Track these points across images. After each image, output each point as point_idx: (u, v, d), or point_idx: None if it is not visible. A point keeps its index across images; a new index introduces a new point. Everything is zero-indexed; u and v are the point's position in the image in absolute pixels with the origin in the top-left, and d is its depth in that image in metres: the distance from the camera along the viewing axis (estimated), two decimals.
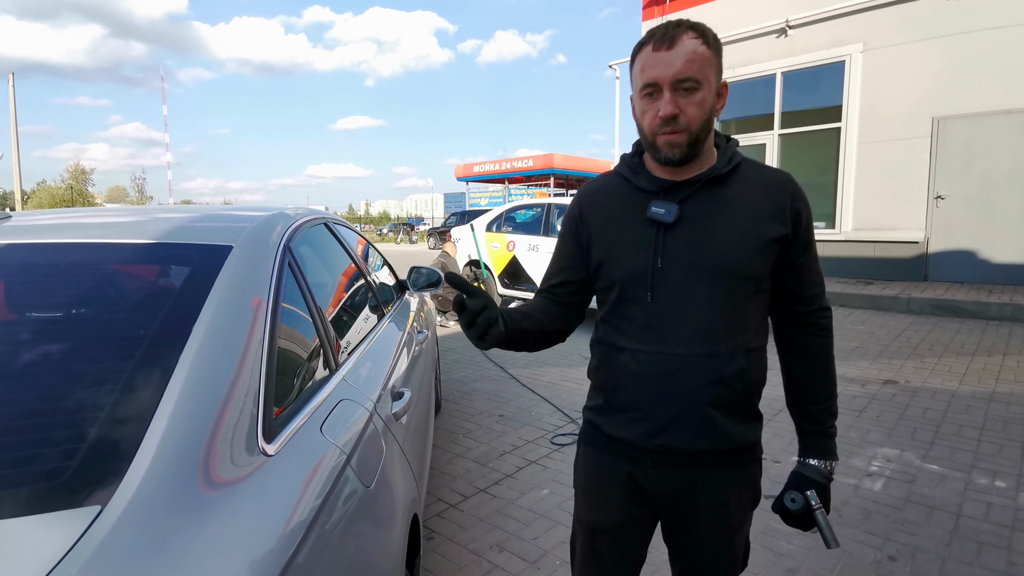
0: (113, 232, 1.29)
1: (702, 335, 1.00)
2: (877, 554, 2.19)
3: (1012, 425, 3.39)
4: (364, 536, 1.00)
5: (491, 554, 2.28)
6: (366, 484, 1.08)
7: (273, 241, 1.36)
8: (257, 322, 1.06)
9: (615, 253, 1.07)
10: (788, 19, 8.80)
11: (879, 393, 4.02)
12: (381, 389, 1.49)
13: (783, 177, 1.06)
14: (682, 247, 1.01)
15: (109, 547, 0.61)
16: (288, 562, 0.74)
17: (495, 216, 7.64)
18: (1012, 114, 7.18)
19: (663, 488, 1.09)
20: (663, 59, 0.95)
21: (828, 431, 1.12)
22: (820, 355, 1.12)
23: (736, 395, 1.03)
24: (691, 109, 0.96)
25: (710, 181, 1.02)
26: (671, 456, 1.06)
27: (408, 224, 37.94)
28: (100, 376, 0.88)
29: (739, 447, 1.07)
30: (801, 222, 1.04)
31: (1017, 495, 2.59)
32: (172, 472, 0.72)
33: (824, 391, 1.12)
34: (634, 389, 1.06)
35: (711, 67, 0.98)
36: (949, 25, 7.51)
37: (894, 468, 2.90)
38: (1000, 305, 6.26)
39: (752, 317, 1.04)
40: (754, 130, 9.55)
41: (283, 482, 0.86)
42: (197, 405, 0.82)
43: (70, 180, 48.35)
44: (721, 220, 1.01)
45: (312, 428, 1.04)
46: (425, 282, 2.98)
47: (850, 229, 8.57)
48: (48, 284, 1.11)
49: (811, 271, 1.08)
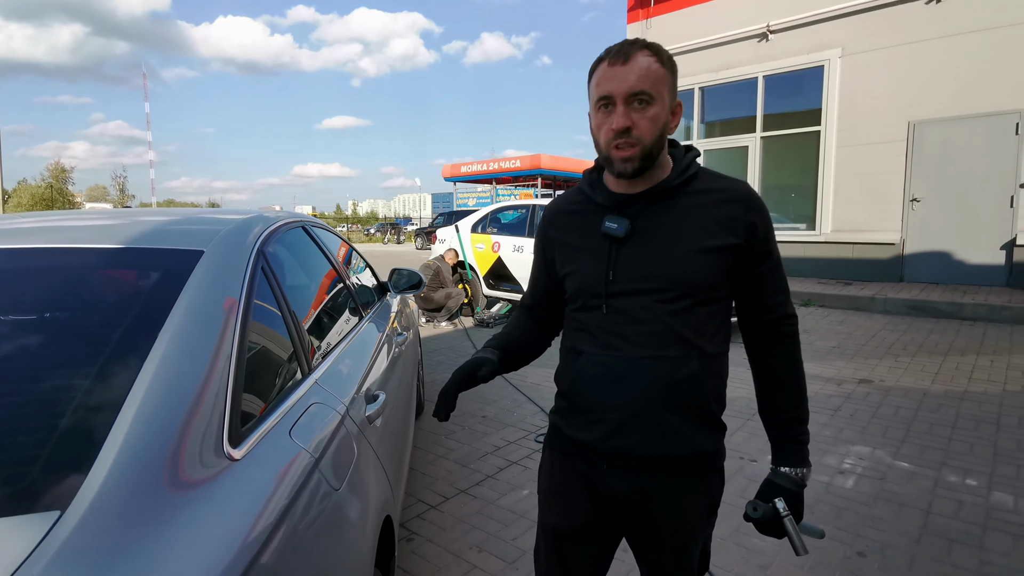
0: (84, 237, 1.28)
1: (653, 339, 1.04)
2: (847, 550, 2.24)
3: (984, 424, 3.47)
4: (331, 538, 1.01)
5: (470, 555, 2.29)
6: (335, 487, 1.10)
7: (246, 245, 1.37)
8: (227, 326, 1.07)
9: (575, 266, 1.12)
10: (769, 24, 8.92)
11: (854, 392, 4.10)
12: (355, 392, 1.50)
13: (737, 189, 1.07)
14: (633, 260, 1.05)
15: (67, 553, 0.62)
16: (250, 564, 0.75)
17: (480, 217, 7.66)
18: (987, 117, 7.34)
19: (618, 492, 1.11)
20: (617, 74, 0.99)
21: (799, 438, 1.12)
22: (787, 362, 1.12)
23: (690, 400, 1.05)
24: (644, 123, 1.00)
25: (662, 194, 1.06)
26: (626, 460, 1.08)
27: (395, 224, 37.76)
28: (62, 380, 0.88)
29: (695, 454, 1.08)
30: (756, 233, 1.05)
31: (989, 494, 2.65)
32: (134, 476, 0.73)
33: (792, 398, 1.13)
34: (590, 391, 1.09)
35: (664, 84, 1.01)
36: (925, 31, 7.67)
37: (866, 466, 2.96)
38: (974, 305, 6.39)
39: (707, 324, 1.06)
40: (737, 132, 9.66)
41: (248, 486, 0.87)
42: (161, 409, 0.83)
43: (51, 179, 47.50)
44: (671, 232, 1.04)
45: (281, 432, 1.05)
46: (406, 284, 2.99)
47: (829, 231, 8.71)
48: (12, 288, 1.11)
49: (772, 279, 1.10)
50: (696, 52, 9.80)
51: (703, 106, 10.05)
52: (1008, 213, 7.28)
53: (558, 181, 25.67)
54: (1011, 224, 7.27)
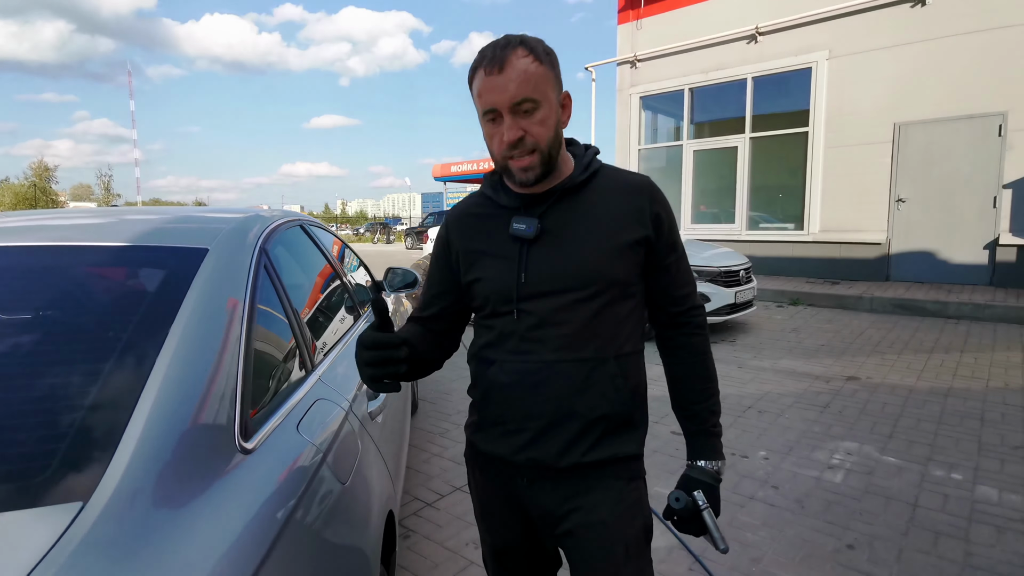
0: (91, 235, 1.29)
1: (569, 341, 1.00)
2: (836, 543, 2.28)
3: (968, 419, 3.54)
4: (341, 531, 1.03)
5: (467, 551, 2.31)
6: (342, 481, 1.11)
7: (249, 243, 1.38)
8: (233, 323, 1.08)
9: (483, 271, 1.06)
10: (758, 26, 9.01)
11: (842, 389, 4.16)
12: (356, 389, 1.51)
13: (641, 181, 1.06)
14: (545, 259, 1.01)
15: (91, 541, 0.63)
16: (266, 555, 0.77)
17: None
18: (971, 119, 7.47)
19: (541, 508, 1.05)
20: (497, 84, 0.93)
21: (712, 430, 1.09)
22: (697, 353, 1.10)
23: (608, 402, 1.01)
24: (535, 129, 0.96)
25: (567, 191, 1.03)
26: (543, 472, 1.03)
27: (384, 224, 37.63)
28: (79, 377, 0.90)
29: (614, 458, 1.03)
30: (663, 224, 1.04)
31: (974, 487, 2.72)
32: (152, 468, 0.74)
33: (704, 389, 1.10)
34: (504, 400, 1.04)
35: (547, 82, 0.96)
36: (910, 34, 7.79)
37: (854, 461, 3.01)
38: (958, 304, 6.51)
39: (623, 323, 1.03)
40: (726, 133, 9.75)
41: (260, 478, 0.88)
42: (175, 404, 0.84)
43: (34, 178, 46.78)
44: (581, 228, 1.01)
45: (288, 427, 1.07)
46: (401, 283, 3.00)
47: (817, 230, 8.82)
48: (25, 286, 1.12)
49: (679, 271, 1.08)
50: (686, 53, 9.88)
51: (693, 107, 10.13)
52: (991, 213, 7.42)
53: None
54: (994, 224, 7.41)
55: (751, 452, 3.11)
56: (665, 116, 10.99)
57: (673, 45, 9.94)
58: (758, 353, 5.12)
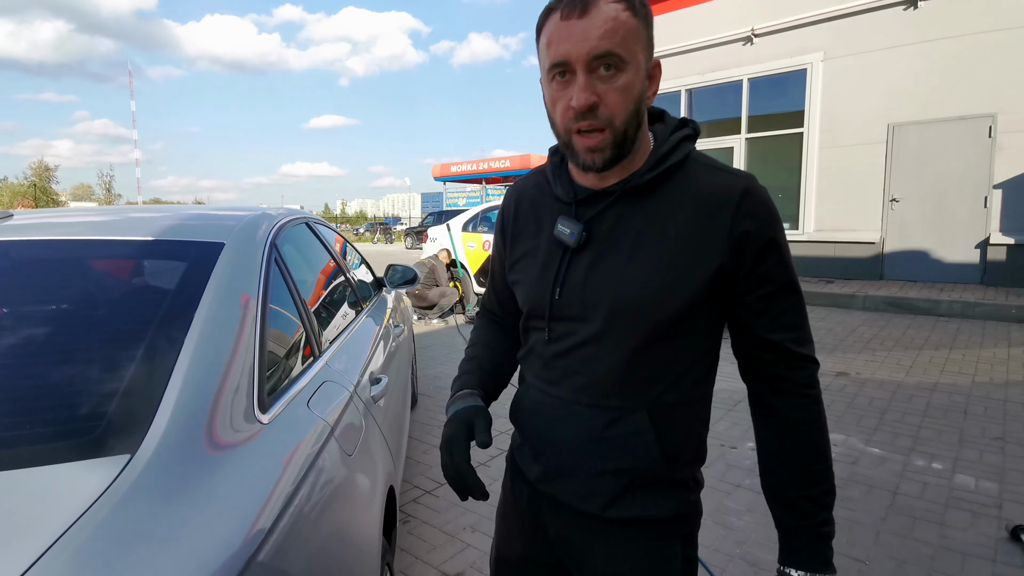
0: (120, 230, 1.40)
1: (590, 383, 0.83)
2: None
3: (952, 413, 3.65)
4: (348, 496, 1.14)
5: (464, 535, 2.42)
6: (348, 453, 1.22)
7: (260, 238, 1.49)
8: (249, 310, 1.19)
9: (523, 274, 0.92)
10: (754, 28, 9.12)
11: (831, 384, 4.27)
12: (360, 375, 1.62)
13: (729, 185, 0.79)
14: (585, 275, 0.83)
15: (138, 487, 0.74)
16: (282, 510, 0.88)
17: (471, 216, 7.79)
18: (963, 120, 7.58)
19: (561, 536, 0.92)
20: (575, 30, 0.72)
21: (815, 528, 0.82)
22: (797, 422, 0.83)
23: (632, 459, 0.83)
24: (613, 97, 0.74)
25: (629, 192, 0.81)
26: (561, 509, 0.90)
27: (384, 224, 37.75)
28: (122, 352, 1.01)
29: (639, 520, 0.85)
30: (750, 244, 0.78)
31: (953, 476, 2.82)
32: (186, 430, 0.85)
33: (806, 474, 0.83)
34: (528, 425, 0.93)
35: (638, 41, 0.75)
36: (905, 36, 7.90)
37: (839, 451, 3.12)
38: (950, 302, 6.62)
39: (668, 365, 0.82)
40: (723, 134, 9.86)
41: (276, 447, 0.99)
42: (202, 377, 0.95)
43: (34, 178, 46.90)
44: (635, 244, 0.80)
45: (300, 403, 1.17)
46: (401, 279, 3.12)
47: (812, 230, 8.93)
48: (70, 274, 1.23)
49: (776, 307, 0.81)
50: (683, 54, 9.99)
51: (690, 107, 10.25)
52: (982, 213, 7.53)
53: None
54: (985, 224, 7.52)
55: (739, 444, 3.22)
56: None
57: (670, 47, 10.05)
58: None
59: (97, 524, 0.67)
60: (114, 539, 0.66)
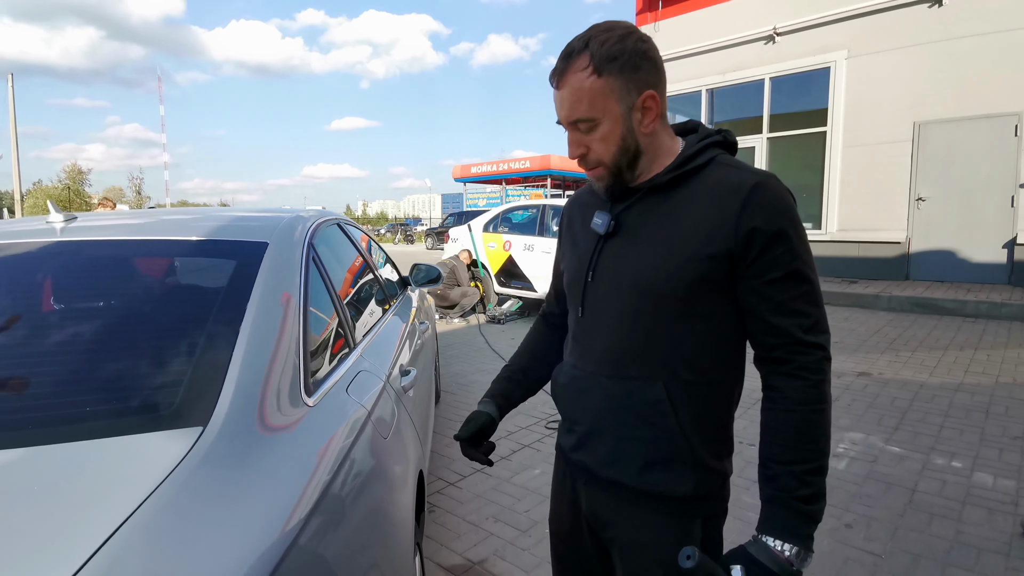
0: (174, 231, 1.53)
1: (613, 356, 0.94)
2: (835, 522, 2.43)
3: (974, 413, 3.63)
4: (384, 476, 1.23)
5: (487, 524, 2.51)
6: (383, 436, 1.32)
7: (298, 237, 1.60)
8: (292, 303, 1.29)
9: (567, 262, 1.07)
10: (776, 26, 9.07)
11: (852, 384, 4.27)
12: (391, 366, 1.72)
13: (742, 181, 0.88)
14: (612, 259, 0.96)
15: (212, 454, 0.85)
16: (329, 482, 0.98)
17: (492, 217, 7.89)
18: (990, 119, 7.46)
19: (592, 510, 1.02)
20: (557, 99, 0.91)
21: (797, 505, 0.84)
22: (794, 402, 0.87)
23: (650, 428, 0.91)
24: (596, 145, 0.91)
25: (655, 188, 0.93)
26: (590, 475, 1.00)
27: (404, 224, 38.15)
28: (188, 339, 1.14)
29: (661, 496, 0.93)
30: (756, 234, 0.86)
31: (972, 474, 2.83)
32: (245, 409, 0.95)
33: (798, 450, 0.86)
34: (563, 398, 1.05)
35: (607, 96, 0.87)
36: (929, 33, 7.80)
37: (858, 450, 3.14)
38: (976, 303, 6.52)
39: (684, 344, 0.91)
40: (744, 133, 9.81)
41: (322, 427, 1.09)
42: (257, 363, 1.05)
43: (67, 180, 48.35)
44: (654, 231, 0.92)
45: (340, 389, 1.27)
46: (424, 278, 3.22)
47: (835, 230, 8.85)
48: (132, 271, 1.36)
49: (781, 293, 0.88)
50: (704, 54, 9.98)
51: (711, 107, 10.22)
52: (1009, 213, 7.40)
53: (567, 181, 25.85)
54: (1012, 223, 7.38)
55: (757, 441, 3.25)
56: (683, 117, 11.02)
57: (691, 47, 10.04)
58: None
59: (182, 482, 0.78)
60: (197, 495, 0.77)
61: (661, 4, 10.55)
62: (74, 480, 0.79)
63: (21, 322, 1.18)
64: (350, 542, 0.98)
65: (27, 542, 0.66)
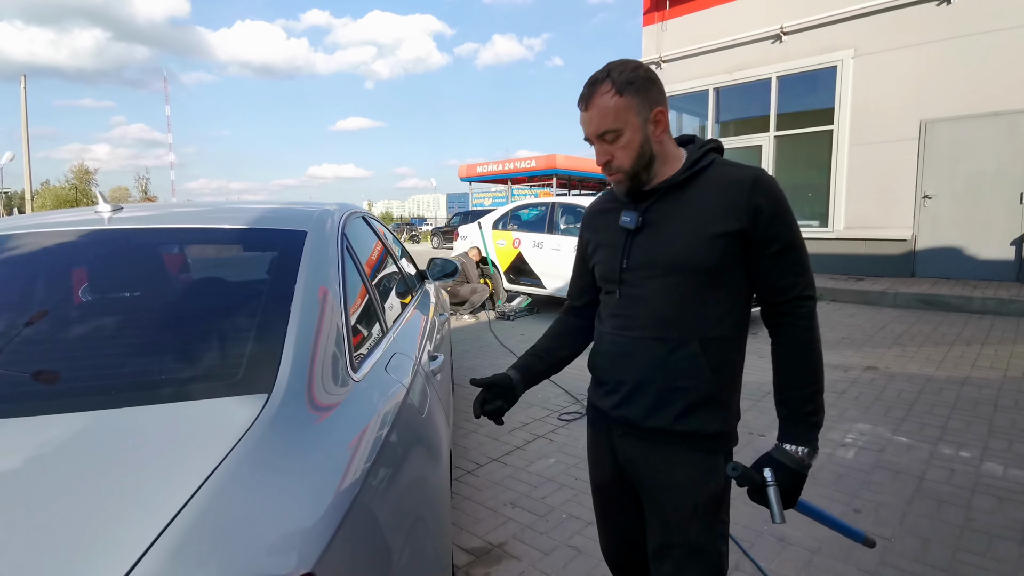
0: (219, 219, 1.61)
1: (655, 322, 1.14)
2: (844, 508, 2.49)
3: (981, 405, 3.68)
4: (425, 446, 1.31)
5: (505, 510, 2.58)
6: (420, 412, 1.39)
7: (334, 227, 1.67)
8: (334, 287, 1.37)
9: (600, 256, 1.26)
10: (783, 25, 9.12)
11: (859, 378, 4.32)
12: (419, 350, 1.80)
13: (745, 174, 1.11)
14: (643, 248, 1.16)
15: (279, 417, 0.93)
16: (380, 450, 1.05)
17: (501, 214, 7.96)
18: (997, 116, 7.48)
19: (628, 457, 1.22)
20: (585, 120, 1.14)
21: (806, 417, 1.12)
22: (798, 340, 1.13)
23: (688, 379, 1.12)
24: (619, 153, 1.13)
25: (671, 188, 1.15)
26: (631, 428, 1.19)
27: (410, 224, 38.30)
28: (246, 318, 1.23)
29: (694, 433, 1.13)
30: (761, 214, 1.08)
31: (981, 464, 2.88)
32: (301, 379, 1.03)
33: (801, 378, 1.13)
34: (605, 366, 1.23)
35: (628, 111, 1.10)
36: (936, 31, 7.83)
37: (866, 440, 3.20)
38: (983, 299, 6.56)
39: (710, 307, 1.12)
40: (751, 132, 9.86)
41: (369, 400, 1.17)
42: (308, 338, 1.13)
43: (74, 180, 48.68)
44: (677, 221, 1.13)
45: (380, 368, 1.35)
46: (441, 272, 3.30)
47: (842, 228, 8.88)
48: (193, 255, 1.45)
49: (784, 261, 1.11)
50: (711, 54, 10.02)
51: (718, 106, 10.27)
52: (1018, 209, 7.42)
53: (573, 180, 25.91)
54: (1020, 220, 7.41)
55: (768, 432, 3.31)
56: (690, 116, 11.13)
57: (698, 46, 10.09)
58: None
59: (258, 439, 0.86)
60: (273, 449, 0.86)
61: (668, 3, 10.59)
62: (169, 434, 0.89)
63: (104, 301, 1.26)
64: (401, 496, 1.07)
65: (135, 484, 0.75)
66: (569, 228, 7.09)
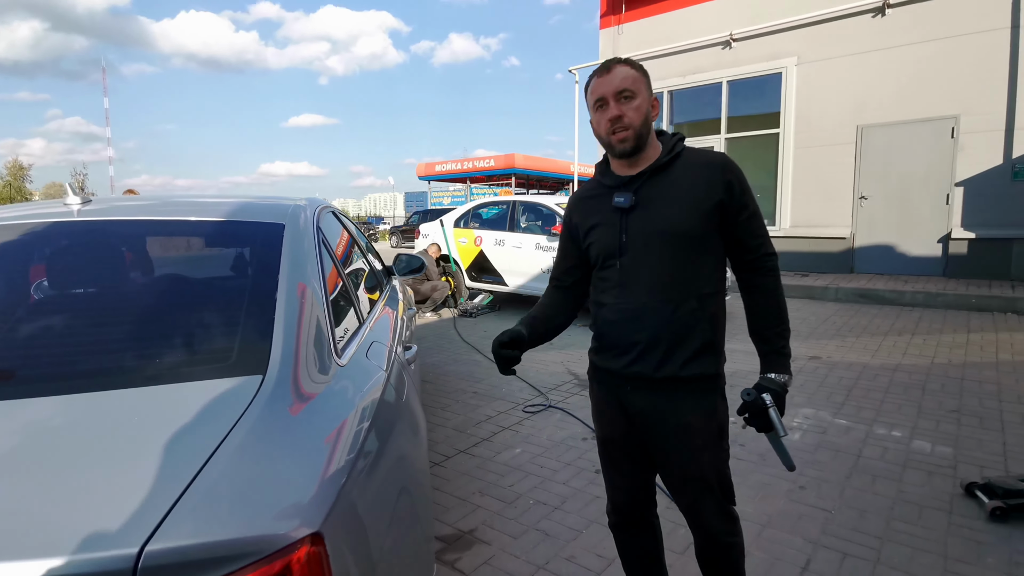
0: (201, 212, 1.63)
1: (659, 287, 1.32)
2: (791, 486, 2.68)
3: (911, 389, 3.99)
4: (406, 429, 1.38)
5: (474, 498, 2.66)
6: (399, 397, 1.46)
7: (309, 220, 1.71)
8: (314, 277, 1.42)
9: (595, 236, 1.40)
10: (732, 32, 9.50)
11: (805, 367, 4.60)
12: (394, 340, 1.86)
13: (716, 158, 1.36)
14: (639, 223, 1.33)
15: (274, 396, 0.98)
16: (369, 427, 1.11)
17: (462, 213, 8.00)
18: (926, 122, 8.02)
19: (639, 408, 1.38)
20: (604, 81, 1.32)
21: (781, 350, 1.36)
22: (769, 289, 1.37)
23: (691, 330, 1.32)
24: (631, 112, 1.30)
25: (656, 170, 1.35)
26: (643, 382, 1.36)
27: (367, 223, 37.71)
28: (236, 305, 1.27)
29: (697, 376, 1.34)
30: (734, 189, 1.31)
31: (910, 442, 3.14)
32: (292, 364, 1.08)
33: (774, 317, 1.37)
34: (614, 332, 1.39)
35: (642, 83, 1.33)
36: (871, 42, 8.32)
37: (811, 423, 3.43)
38: (913, 293, 7.04)
39: (702, 269, 1.33)
40: (703, 134, 10.22)
41: (353, 382, 1.23)
42: (294, 324, 1.18)
43: (8, 177, 45.77)
44: (668, 197, 1.32)
45: (361, 355, 1.41)
46: (407, 268, 3.35)
47: (788, 226, 9.33)
48: (178, 246, 1.46)
49: (751, 225, 1.35)
50: (665, 57, 10.34)
51: (672, 108, 10.59)
52: (944, 210, 7.99)
53: (531, 180, 26.12)
54: (947, 220, 7.97)
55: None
56: None
57: (653, 50, 10.38)
58: (731, 337, 5.48)
59: (258, 415, 0.92)
60: (275, 422, 0.91)
61: (624, 7, 10.86)
62: (176, 411, 0.95)
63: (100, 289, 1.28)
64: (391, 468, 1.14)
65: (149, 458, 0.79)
66: (530, 226, 7.20)
